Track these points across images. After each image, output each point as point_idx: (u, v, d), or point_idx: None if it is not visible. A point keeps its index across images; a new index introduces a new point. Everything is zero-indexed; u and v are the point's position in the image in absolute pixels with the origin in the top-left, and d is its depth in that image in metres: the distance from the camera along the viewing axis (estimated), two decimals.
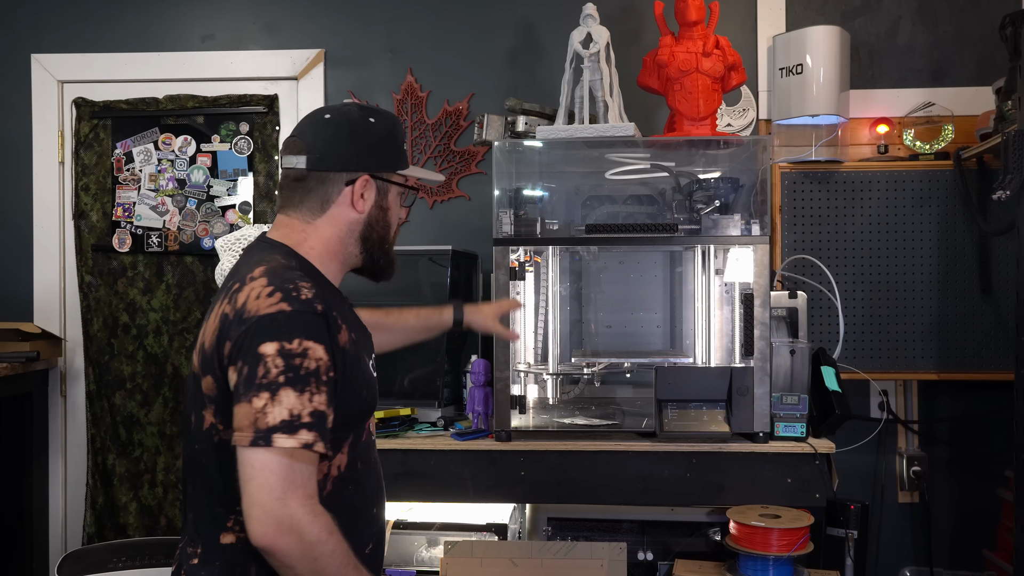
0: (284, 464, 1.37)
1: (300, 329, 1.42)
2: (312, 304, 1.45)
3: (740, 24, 3.18)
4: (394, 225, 1.69)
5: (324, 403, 1.41)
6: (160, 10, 3.37)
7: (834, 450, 2.51)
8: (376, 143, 1.63)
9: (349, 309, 1.63)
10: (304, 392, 1.39)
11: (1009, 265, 2.95)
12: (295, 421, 1.37)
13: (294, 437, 1.37)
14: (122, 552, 2.44)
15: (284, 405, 1.38)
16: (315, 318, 1.44)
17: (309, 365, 1.41)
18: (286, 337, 1.41)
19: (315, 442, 1.38)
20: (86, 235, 3.38)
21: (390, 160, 1.65)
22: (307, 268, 1.58)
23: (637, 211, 2.92)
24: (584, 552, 2.39)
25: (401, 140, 1.69)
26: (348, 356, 1.51)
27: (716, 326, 2.65)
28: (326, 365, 1.43)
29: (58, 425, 3.39)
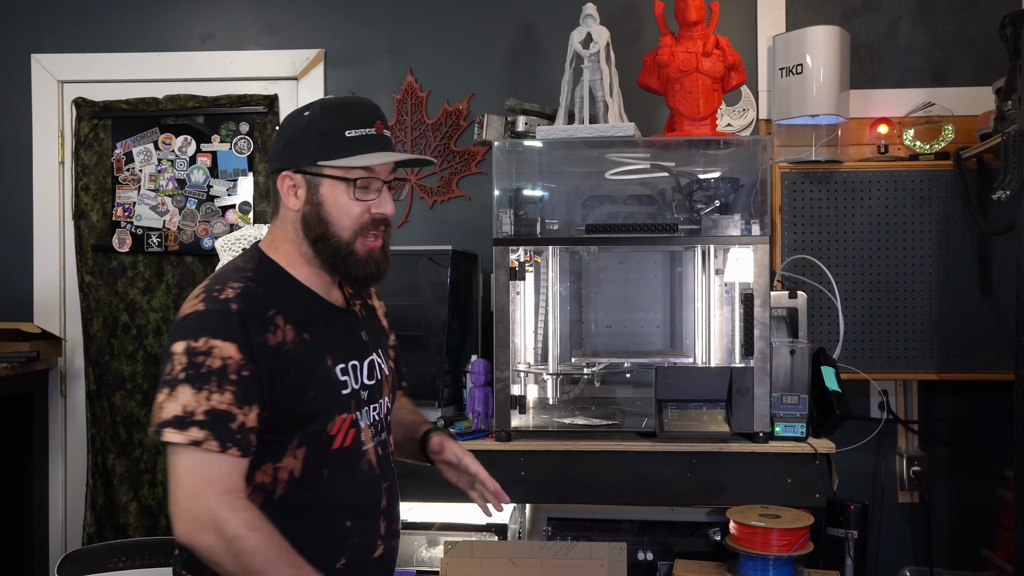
0: (198, 461, 1.39)
1: (207, 328, 1.44)
2: (227, 303, 1.46)
3: (740, 24, 3.18)
4: (336, 220, 1.55)
5: (227, 402, 1.41)
6: (160, 10, 3.37)
7: (834, 450, 2.51)
8: (297, 137, 1.56)
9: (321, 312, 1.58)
10: (202, 390, 1.41)
11: (1009, 265, 2.95)
12: (187, 418, 1.39)
13: (183, 433, 1.38)
14: (122, 552, 2.44)
15: (179, 401, 1.40)
16: (227, 316, 1.45)
17: (212, 364, 1.42)
18: (193, 335, 1.43)
19: (205, 440, 1.38)
20: (86, 235, 3.38)
21: (311, 152, 1.54)
22: (268, 268, 1.58)
23: (637, 211, 2.92)
24: (584, 552, 2.39)
25: (332, 128, 1.54)
26: (288, 356, 1.48)
27: (716, 326, 2.65)
28: (236, 364, 1.43)
29: (58, 425, 3.39)
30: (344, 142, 1.53)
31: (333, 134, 1.53)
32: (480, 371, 2.68)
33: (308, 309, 1.57)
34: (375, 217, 1.57)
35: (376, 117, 1.57)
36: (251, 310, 1.46)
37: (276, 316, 1.50)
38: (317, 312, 1.58)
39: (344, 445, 1.56)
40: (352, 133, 1.54)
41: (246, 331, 1.45)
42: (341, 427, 1.56)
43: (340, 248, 1.55)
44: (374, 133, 1.55)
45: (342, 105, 1.58)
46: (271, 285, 1.55)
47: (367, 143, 1.54)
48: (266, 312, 1.48)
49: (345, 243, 1.55)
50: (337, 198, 1.54)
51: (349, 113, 1.55)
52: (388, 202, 1.58)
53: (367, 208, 1.56)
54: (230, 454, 1.41)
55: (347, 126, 1.54)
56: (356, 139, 1.53)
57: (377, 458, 1.63)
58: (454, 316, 2.83)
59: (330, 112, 1.56)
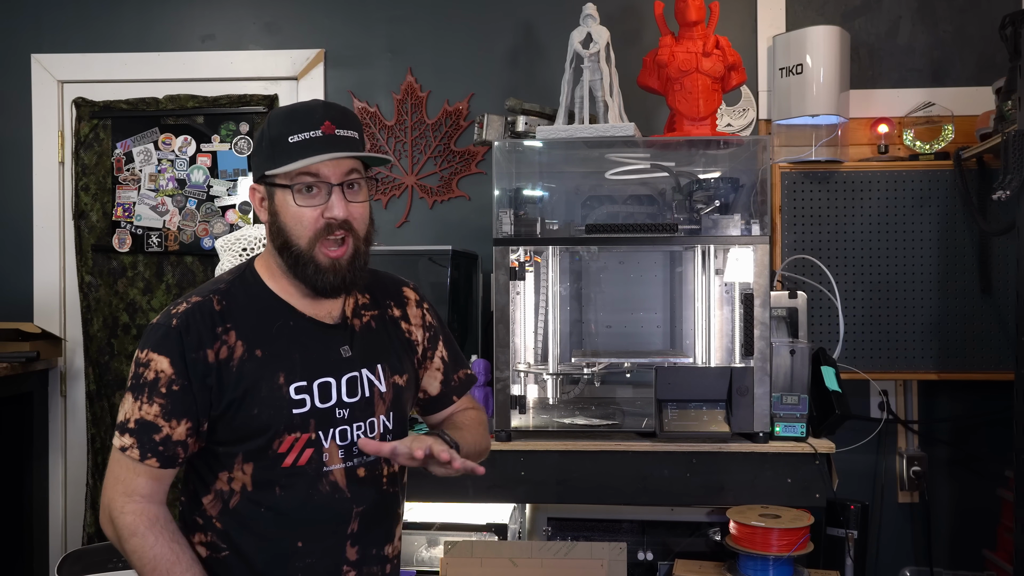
0: (119, 463, 1.52)
1: (150, 341, 1.52)
2: (171, 319, 1.52)
3: (740, 24, 3.18)
4: (292, 229, 1.51)
5: (154, 414, 1.49)
6: (160, 10, 3.37)
7: (834, 450, 2.51)
8: (256, 149, 1.57)
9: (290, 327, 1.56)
10: (137, 400, 1.50)
11: (1009, 265, 2.95)
12: (125, 424, 1.51)
13: (119, 438, 1.51)
14: None
15: (124, 408, 1.52)
16: (167, 331, 1.50)
17: (147, 375, 1.50)
18: (142, 346, 1.53)
19: (129, 447, 1.49)
20: (86, 235, 3.38)
21: (262, 162, 1.54)
22: (247, 281, 1.59)
23: (637, 211, 2.92)
24: (584, 552, 2.39)
25: (277, 136, 1.51)
26: (230, 372, 1.50)
27: (716, 326, 2.65)
28: (168, 378, 1.49)
29: (58, 425, 3.39)
30: (287, 148, 1.50)
31: (278, 141, 1.51)
32: (480, 371, 2.68)
33: (273, 325, 1.55)
34: (328, 222, 1.51)
35: (324, 118, 1.51)
36: (192, 326, 1.50)
37: (226, 332, 1.51)
38: (283, 328, 1.56)
39: (298, 464, 1.53)
40: (295, 138, 1.49)
41: (181, 346, 1.49)
42: (293, 446, 1.53)
43: (300, 257, 1.52)
44: (320, 135, 1.50)
45: (288, 112, 1.55)
46: (240, 300, 1.56)
47: (311, 146, 1.49)
48: (213, 328, 1.51)
49: (304, 251, 1.52)
50: (288, 206, 1.52)
51: (294, 119, 1.51)
52: (339, 205, 1.51)
53: (319, 213, 1.51)
54: (148, 464, 1.49)
55: (290, 132, 1.50)
56: (299, 144, 1.49)
57: (350, 480, 1.57)
58: (454, 316, 2.83)
59: (276, 120, 1.54)
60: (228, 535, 1.54)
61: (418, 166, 3.29)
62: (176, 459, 1.51)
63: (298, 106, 1.56)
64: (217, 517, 1.55)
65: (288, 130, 1.50)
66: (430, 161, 3.29)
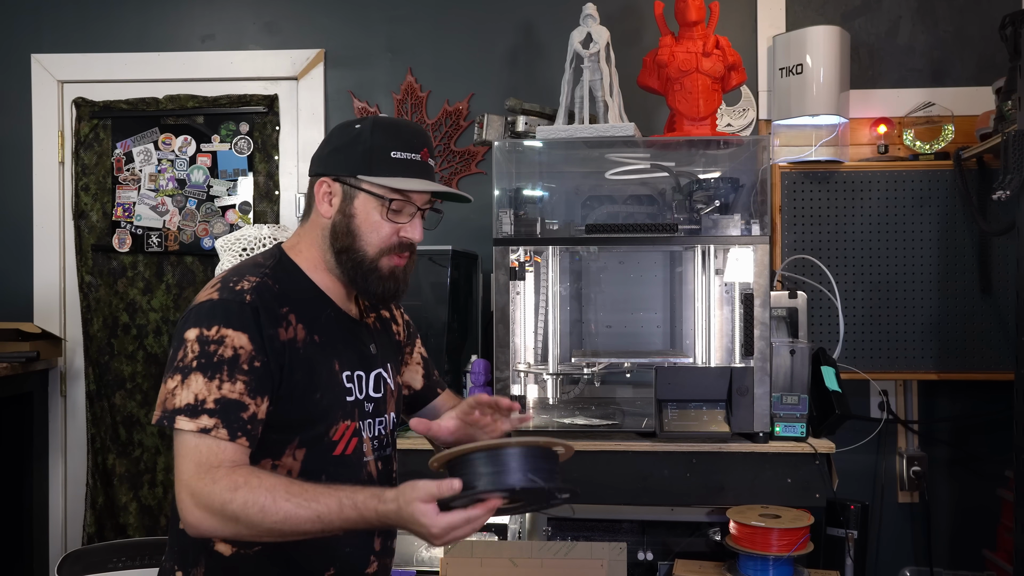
0: (193, 446, 1.40)
1: (220, 317, 1.45)
2: (241, 294, 1.47)
3: (740, 24, 3.18)
4: (364, 235, 1.55)
5: (239, 392, 1.42)
6: (160, 10, 3.37)
7: (834, 450, 2.51)
8: (344, 146, 1.57)
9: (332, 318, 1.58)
10: (213, 379, 1.41)
11: (1009, 265, 2.95)
12: (199, 406, 1.40)
13: (194, 421, 1.40)
14: (122, 552, 2.44)
15: (191, 389, 1.41)
16: (240, 307, 1.46)
17: (224, 353, 1.43)
18: (206, 324, 1.45)
19: (214, 428, 1.39)
20: (86, 235, 3.38)
21: (353, 164, 1.55)
22: (287, 267, 1.59)
23: (637, 211, 2.92)
24: (584, 552, 2.39)
25: (379, 146, 1.54)
26: (297, 354, 1.49)
27: (716, 326, 2.65)
28: (248, 354, 1.43)
29: (58, 425, 3.39)
30: (388, 161, 1.54)
31: (378, 151, 1.54)
32: (480, 371, 2.68)
33: (321, 313, 1.57)
34: (402, 241, 1.57)
35: (424, 145, 1.58)
36: (264, 303, 1.48)
37: (289, 314, 1.51)
38: (329, 317, 1.58)
39: (346, 453, 1.55)
40: (397, 155, 1.54)
41: (258, 323, 1.45)
42: (344, 434, 1.55)
43: (363, 263, 1.56)
44: (418, 159, 1.56)
45: (395, 126, 1.58)
46: (287, 284, 1.55)
47: (409, 167, 1.55)
48: (279, 308, 1.49)
49: (369, 259, 1.56)
50: (369, 214, 1.55)
51: (399, 135, 1.56)
52: (418, 229, 1.58)
53: (396, 230, 1.56)
54: (239, 443, 1.41)
55: (394, 147, 1.54)
56: (400, 161, 1.54)
57: (377, 472, 1.61)
58: (454, 316, 2.83)
59: (381, 129, 1.56)
60: None
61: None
62: (258, 439, 1.45)
63: (404, 124, 1.62)
64: None
65: (393, 144, 1.54)
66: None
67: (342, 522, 1.36)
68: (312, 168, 1.61)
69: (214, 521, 1.38)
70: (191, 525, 1.40)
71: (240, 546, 1.51)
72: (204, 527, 1.39)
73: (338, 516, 1.35)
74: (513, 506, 1.43)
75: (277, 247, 1.64)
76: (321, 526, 1.35)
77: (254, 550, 1.51)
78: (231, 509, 1.35)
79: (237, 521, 1.36)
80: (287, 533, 1.37)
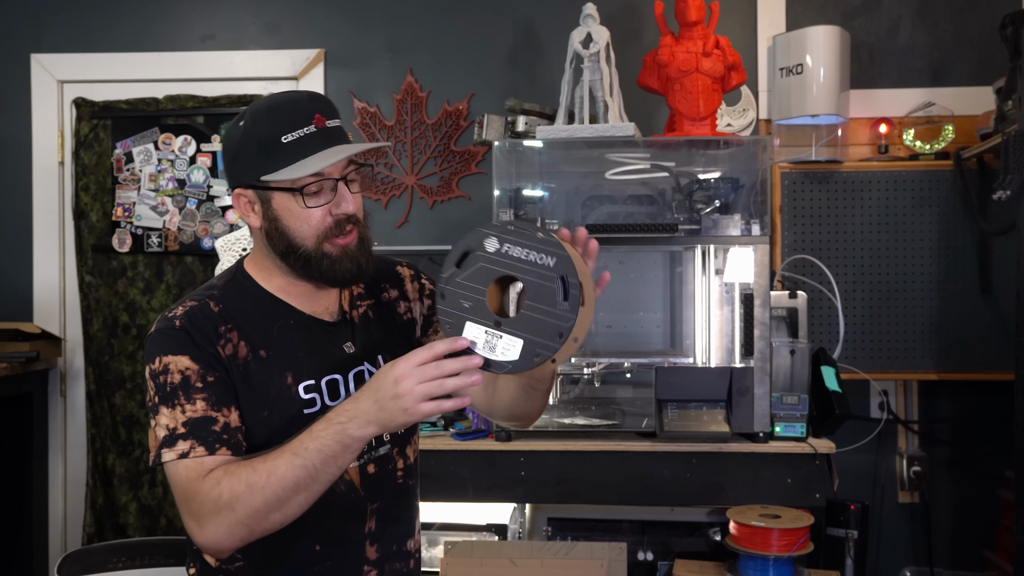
0: (179, 473, 1.38)
1: (159, 347, 1.44)
2: (172, 321, 1.44)
3: (740, 24, 3.18)
4: (296, 232, 1.45)
5: (201, 409, 1.40)
6: (160, 10, 3.37)
7: (834, 450, 2.51)
8: (238, 151, 1.46)
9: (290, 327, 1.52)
10: (175, 407, 1.40)
11: (1009, 265, 2.95)
12: (172, 434, 1.39)
13: (173, 450, 1.38)
14: (122, 552, 2.43)
15: (162, 423, 1.40)
16: (173, 332, 1.43)
17: (173, 379, 1.41)
18: (151, 359, 1.44)
19: (191, 449, 1.38)
20: (86, 235, 3.38)
21: (252, 166, 1.45)
22: (241, 283, 1.54)
23: (637, 211, 2.92)
24: (584, 552, 2.39)
25: (262, 137, 1.43)
26: (239, 371, 1.45)
27: (716, 326, 2.65)
28: (197, 373, 1.41)
29: (58, 425, 3.39)
30: (282, 149, 1.42)
31: (269, 143, 1.43)
32: None
33: (274, 325, 1.51)
34: (337, 219, 1.46)
35: (315, 110, 1.44)
36: (196, 325, 1.44)
37: (230, 332, 1.46)
38: (285, 327, 1.52)
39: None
40: (288, 138, 1.42)
41: (195, 343, 1.43)
42: None
43: (310, 257, 1.47)
44: (314, 131, 1.43)
45: (272, 107, 1.45)
46: (237, 302, 1.50)
47: (308, 144, 1.42)
48: (217, 327, 1.45)
49: (312, 250, 1.46)
50: (291, 210, 1.45)
51: (281, 115, 1.43)
52: (347, 199, 1.46)
53: (327, 211, 1.45)
54: (220, 454, 1.38)
55: (281, 131, 1.42)
56: (295, 143, 1.42)
57: (363, 477, 1.53)
58: None
59: (261, 118, 1.44)
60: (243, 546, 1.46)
61: (418, 166, 3.29)
62: (241, 446, 1.41)
63: (280, 100, 1.47)
64: None
65: (278, 129, 1.42)
66: (430, 161, 3.29)
67: (318, 449, 1.33)
68: (229, 182, 1.53)
69: (220, 526, 1.35)
70: (209, 548, 1.38)
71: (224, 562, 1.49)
72: (219, 541, 1.36)
73: (311, 442, 1.33)
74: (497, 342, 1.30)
75: (239, 262, 1.59)
76: (302, 463, 1.32)
77: (236, 565, 1.48)
78: (224, 501, 1.33)
79: (233, 509, 1.33)
80: (281, 494, 1.33)
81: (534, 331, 1.28)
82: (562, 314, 1.26)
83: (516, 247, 1.30)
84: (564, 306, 1.27)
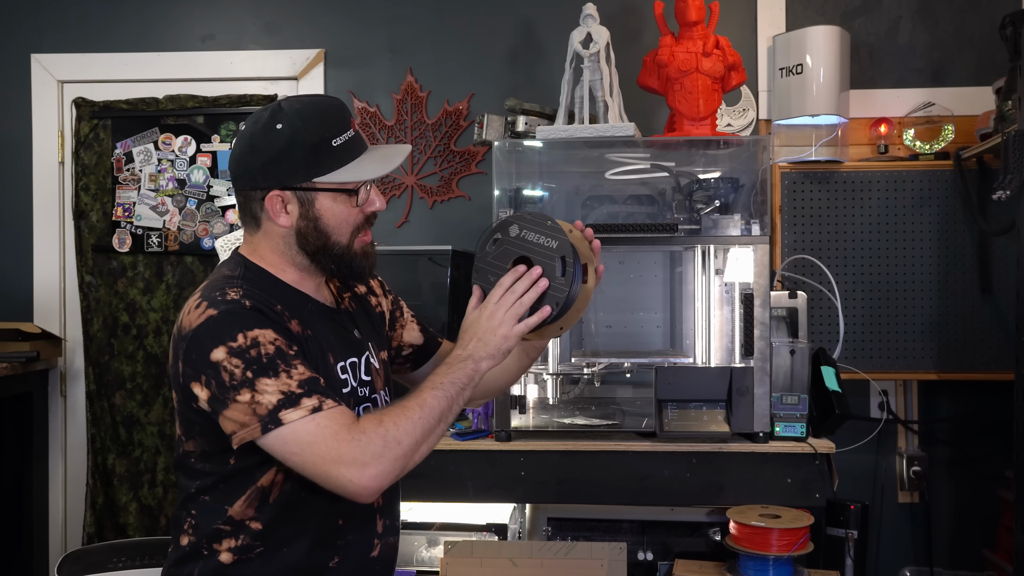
0: (313, 432, 1.38)
1: (237, 325, 1.41)
2: (239, 303, 1.44)
3: (740, 24, 3.18)
4: (335, 230, 1.53)
5: (308, 371, 1.41)
6: (160, 10, 3.37)
7: (834, 450, 2.51)
8: (281, 154, 1.48)
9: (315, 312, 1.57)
10: (279, 374, 1.39)
11: (1009, 265, 2.95)
12: (291, 396, 1.38)
13: (299, 408, 1.37)
14: (122, 552, 2.44)
15: (270, 392, 1.38)
16: (246, 310, 1.43)
17: (267, 351, 1.40)
18: (229, 338, 1.40)
19: (321, 404, 1.38)
20: (86, 235, 3.38)
21: (302, 169, 1.49)
22: (258, 274, 1.55)
23: (637, 211, 2.92)
24: (584, 552, 2.39)
25: (314, 141, 1.48)
26: (303, 347, 1.48)
27: (716, 326, 2.65)
28: (285, 343, 1.42)
29: (58, 425, 3.39)
30: (333, 153, 1.49)
31: (320, 146, 1.48)
32: None
33: (303, 309, 1.56)
34: (368, 216, 1.57)
35: (349, 115, 1.54)
36: (260, 304, 1.46)
37: (284, 311, 1.49)
38: (312, 312, 1.57)
39: None
40: (338, 141, 1.49)
41: (270, 318, 1.44)
42: None
43: (343, 254, 1.54)
44: (355, 135, 1.53)
45: (318, 112, 1.51)
46: (263, 287, 1.53)
47: (353, 148, 1.51)
48: (273, 307, 1.48)
49: (346, 248, 1.54)
50: (336, 210, 1.52)
51: (328, 119, 1.50)
52: (380, 198, 1.57)
53: (362, 210, 1.55)
54: (345, 406, 1.42)
55: (331, 134, 1.49)
56: (344, 147, 1.50)
57: None
58: (454, 316, 2.83)
59: (310, 122, 1.49)
60: (266, 531, 1.49)
61: (418, 166, 3.29)
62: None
63: (321, 104, 1.54)
64: (254, 517, 1.49)
65: (329, 133, 1.49)
66: (430, 161, 3.29)
67: (452, 382, 1.48)
68: (245, 183, 1.53)
69: (385, 463, 1.38)
70: (371, 488, 1.39)
71: (240, 553, 1.50)
72: (385, 476, 1.39)
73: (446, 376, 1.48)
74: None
75: (236, 255, 1.60)
76: (443, 394, 1.46)
77: (255, 552, 1.50)
78: (391, 436, 1.39)
79: (400, 442, 1.40)
80: (431, 424, 1.44)
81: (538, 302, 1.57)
82: (559, 286, 1.56)
83: (532, 233, 1.62)
84: (561, 280, 1.57)
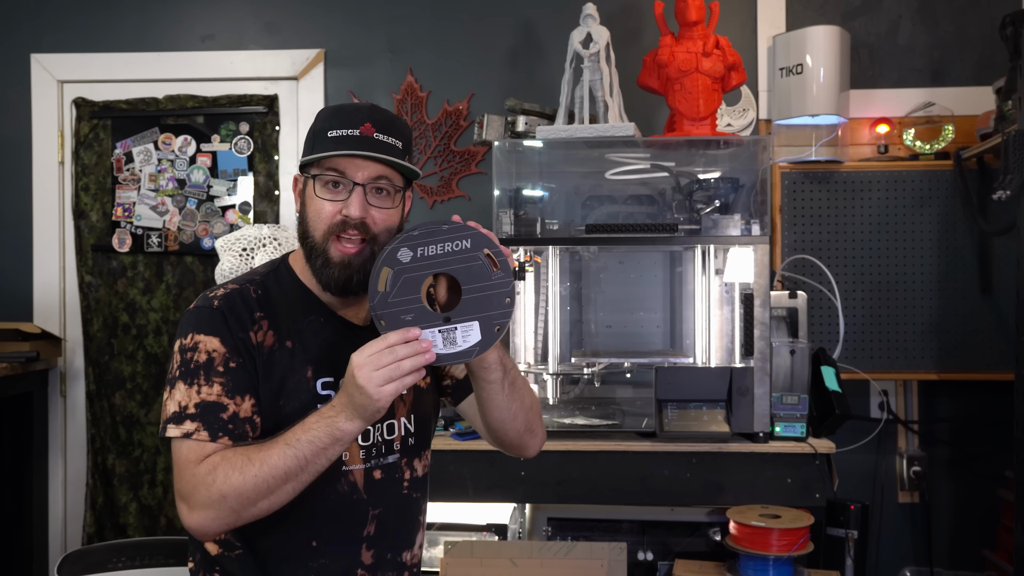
0: (181, 452, 1.44)
1: (193, 324, 1.49)
2: (211, 301, 1.51)
3: (740, 24, 3.18)
4: (312, 220, 1.51)
5: (216, 394, 1.45)
6: (160, 10, 3.37)
7: (834, 450, 2.51)
8: (306, 139, 1.57)
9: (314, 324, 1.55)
10: (192, 384, 1.45)
11: (1009, 265, 2.95)
12: (182, 412, 1.44)
13: (179, 427, 1.44)
14: (122, 552, 2.43)
15: (176, 398, 1.46)
16: (210, 312, 1.49)
17: (199, 358, 1.46)
18: (183, 333, 1.49)
19: (195, 431, 1.43)
20: (86, 235, 3.38)
21: (305, 151, 1.55)
22: (281, 275, 1.58)
23: (637, 211, 2.92)
24: (584, 552, 2.39)
25: (320, 129, 1.52)
26: (264, 359, 1.49)
27: (716, 326, 2.65)
28: (222, 356, 1.47)
29: (58, 425, 3.39)
30: (325, 141, 1.50)
31: (319, 134, 1.52)
32: None
33: (304, 319, 1.55)
34: (344, 219, 1.49)
35: (367, 119, 1.50)
36: (232, 308, 1.50)
37: (263, 319, 1.51)
38: (314, 323, 1.55)
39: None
40: (334, 133, 1.49)
41: (228, 325, 1.48)
42: None
43: (314, 248, 1.52)
44: (356, 134, 1.49)
45: (337, 108, 1.56)
46: (275, 292, 1.55)
47: (344, 142, 1.49)
48: (252, 313, 1.51)
49: (318, 243, 1.51)
50: (313, 196, 1.52)
51: (338, 115, 1.53)
52: (356, 204, 1.48)
53: (338, 209, 1.49)
54: (221, 442, 1.44)
55: (332, 127, 1.51)
56: (336, 139, 1.49)
57: (368, 481, 1.56)
58: None
59: (324, 114, 1.55)
60: (244, 533, 1.51)
61: (418, 166, 3.29)
62: (246, 437, 1.45)
63: (348, 104, 1.61)
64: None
65: (330, 124, 1.51)
66: (430, 161, 3.29)
67: (309, 441, 1.37)
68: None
69: (208, 511, 1.39)
70: (195, 529, 1.42)
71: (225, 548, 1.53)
72: (206, 524, 1.41)
73: (303, 433, 1.38)
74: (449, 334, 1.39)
75: (284, 255, 1.64)
76: (294, 453, 1.37)
77: (235, 552, 1.52)
78: (216, 488, 1.38)
79: (224, 496, 1.38)
80: (271, 483, 1.37)
81: (483, 307, 1.39)
82: (500, 281, 1.40)
83: (430, 247, 1.42)
84: (499, 274, 1.41)
